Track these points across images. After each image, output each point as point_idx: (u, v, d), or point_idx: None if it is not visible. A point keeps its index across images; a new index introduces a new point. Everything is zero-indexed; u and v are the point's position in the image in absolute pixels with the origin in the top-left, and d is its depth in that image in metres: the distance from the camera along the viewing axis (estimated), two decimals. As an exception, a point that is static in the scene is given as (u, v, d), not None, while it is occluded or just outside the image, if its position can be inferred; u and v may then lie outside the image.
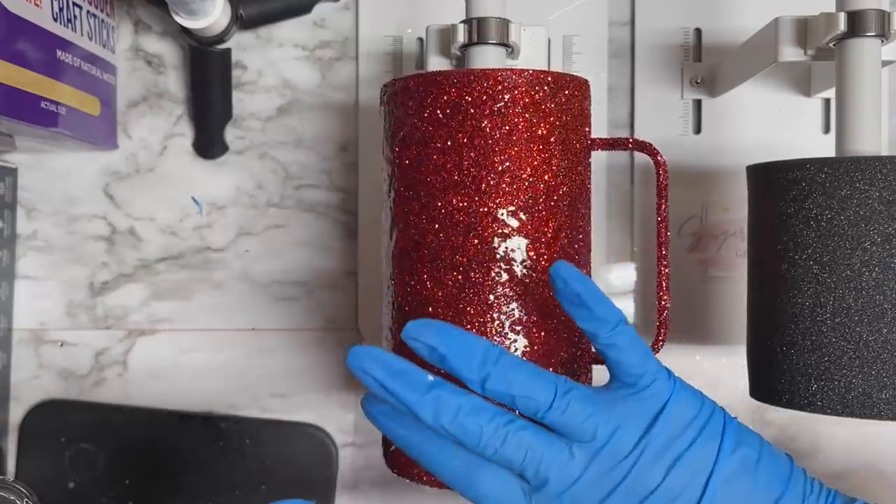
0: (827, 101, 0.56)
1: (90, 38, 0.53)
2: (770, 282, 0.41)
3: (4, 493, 0.43)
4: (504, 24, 0.44)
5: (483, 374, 0.35)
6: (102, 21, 0.55)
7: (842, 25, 0.41)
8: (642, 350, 0.36)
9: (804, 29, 0.44)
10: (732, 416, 0.37)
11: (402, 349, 0.37)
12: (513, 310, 0.39)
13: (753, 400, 0.44)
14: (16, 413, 0.58)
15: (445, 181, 0.39)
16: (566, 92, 0.41)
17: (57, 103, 0.49)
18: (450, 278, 0.39)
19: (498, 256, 0.39)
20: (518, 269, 0.39)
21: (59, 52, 0.50)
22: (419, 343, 0.35)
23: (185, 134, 0.58)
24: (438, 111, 0.40)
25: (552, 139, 0.40)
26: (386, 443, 0.43)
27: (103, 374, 0.58)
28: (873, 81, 0.41)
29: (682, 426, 0.36)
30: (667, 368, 0.37)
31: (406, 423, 0.37)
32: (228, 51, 0.56)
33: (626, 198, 0.57)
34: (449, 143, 0.39)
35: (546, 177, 0.40)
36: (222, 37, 0.54)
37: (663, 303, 0.43)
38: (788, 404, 0.41)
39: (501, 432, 0.35)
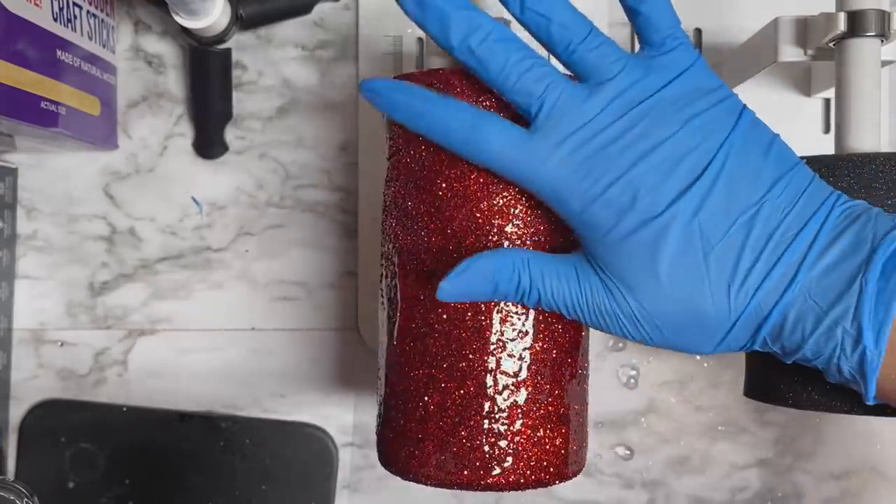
0: (827, 100, 0.56)
1: (90, 38, 0.54)
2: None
3: (4, 493, 0.43)
4: (504, 24, 0.44)
5: None
6: (102, 21, 0.55)
7: (842, 25, 0.41)
8: (672, 13, 0.36)
9: (804, 29, 0.44)
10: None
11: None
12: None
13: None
14: (16, 413, 0.58)
15: (445, 179, 0.39)
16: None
17: (57, 103, 0.49)
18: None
19: (494, 241, 0.39)
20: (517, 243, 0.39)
21: (59, 52, 0.50)
22: None
23: (185, 134, 0.58)
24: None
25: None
26: (380, 441, 0.42)
27: (103, 374, 0.58)
28: (873, 81, 0.41)
29: (703, 91, 0.35)
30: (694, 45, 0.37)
31: (407, 90, 0.36)
32: (228, 51, 0.56)
33: (626, 198, 0.57)
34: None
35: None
36: (222, 37, 0.54)
37: None
38: (788, 403, 0.41)
39: (527, 62, 0.35)
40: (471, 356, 0.39)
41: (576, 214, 0.35)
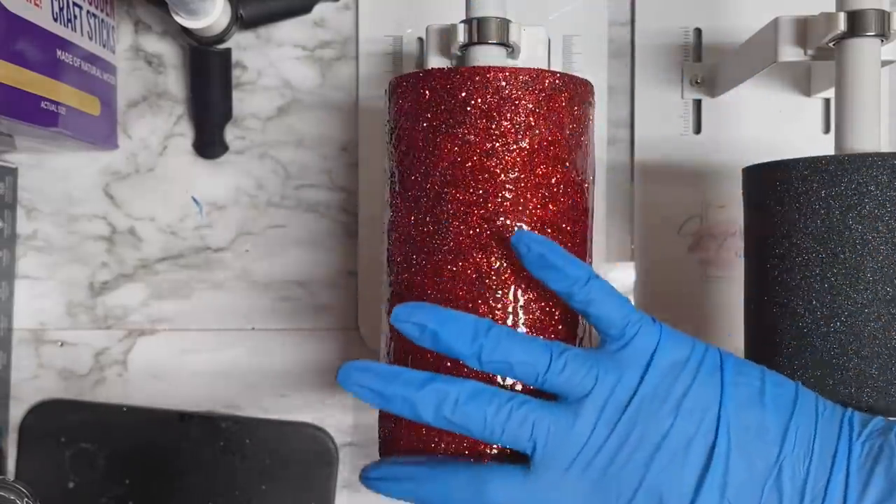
0: (827, 101, 0.56)
1: (90, 38, 0.54)
2: (766, 282, 0.41)
3: (4, 493, 0.43)
4: (504, 23, 0.44)
5: (477, 347, 0.35)
6: (102, 21, 0.55)
7: (842, 25, 0.41)
8: (620, 301, 0.36)
9: (804, 29, 0.44)
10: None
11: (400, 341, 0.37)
12: (508, 300, 0.39)
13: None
14: (16, 413, 0.58)
15: (446, 177, 0.39)
16: (570, 92, 0.41)
17: (57, 103, 0.49)
18: (446, 272, 0.39)
19: (494, 247, 0.39)
20: (513, 263, 0.39)
21: (59, 52, 0.50)
22: (409, 324, 0.35)
23: (185, 134, 0.58)
24: (444, 106, 0.40)
25: (554, 137, 0.40)
26: (382, 442, 0.42)
27: (103, 374, 0.58)
28: (873, 81, 0.41)
29: (678, 367, 0.35)
30: (650, 316, 0.37)
31: (401, 475, 0.37)
32: (228, 51, 0.56)
33: (626, 198, 0.57)
34: (452, 136, 0.39)
35: (549, 174, 0.40)
36: (222, 37, 0.54)
37: None
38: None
39: (504, 411, 0.35)
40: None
41: None
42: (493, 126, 0.39)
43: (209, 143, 0.57)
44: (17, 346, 0.58)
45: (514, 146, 0.39)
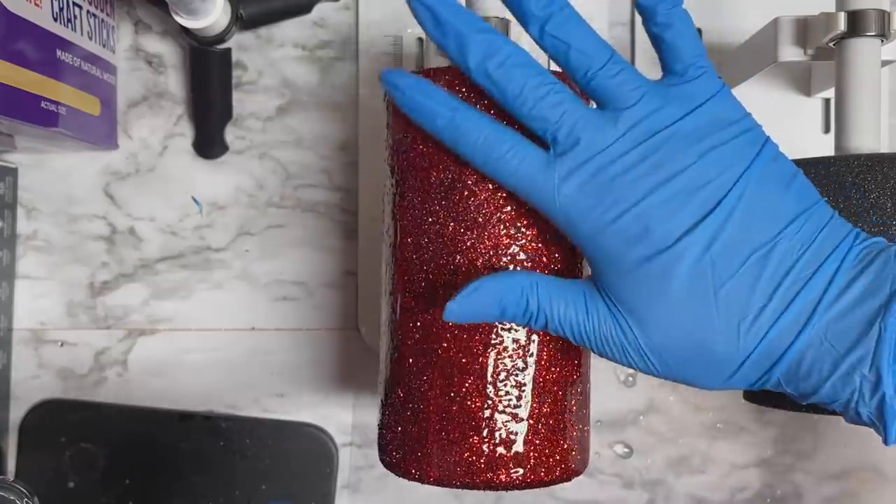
0: (827, 100, 0.56)
1: (90, 38, 0.54)
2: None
3: (4, 493, 0.43)
4: (504, 23, 0.44)
5: (547, 13, 0.35)
6: (102, 21, 0.55)
7: (842, 25, 0.41)
8: (698, 42, 0.36)
9: (804, 29, 0.44)
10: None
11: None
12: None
13: (753, 400, 0.44)
14: (16, 413, 0.58)
15: (446, 176, 0.39)
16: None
17: (57, 103, 0.49)
18: (447, 269, 0.39)
19: (501, 245, 0.39)
20: (520, 255, 0.39)
21: (59, 52, 0.50)
22: None
23: (185, 134, 0.58)
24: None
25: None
26: (382, 441, 0.42)
27: (103, 374, 0.58)
28: (873, 81, 0.41)
29: (724, 122, 0.35)
30: (719, 74, 0.36)
31: (431, 92, 0.36)
32: (228, 51, 0.56)
33: (626, 198, 0.57)
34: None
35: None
36: (222, 37, 0.54)
37: None
38: (787, 407, 0.41)
39: (545, 88, 0.34)
40: (473, 358, 0.39)
41: (587, 241, 0.35)
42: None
43: (209, 143, 0.57)
44: (17, 346, 0.58)
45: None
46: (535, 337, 0.39)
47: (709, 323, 0.34)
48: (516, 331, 0.39)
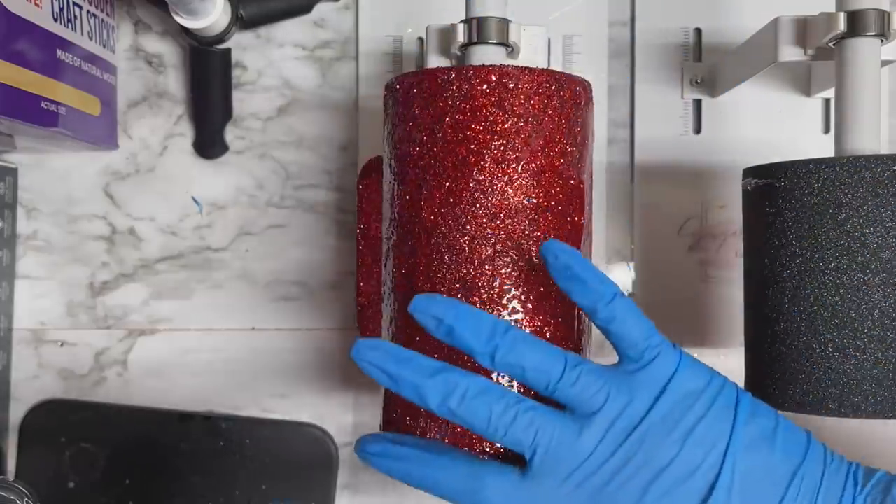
0: (827, 101, 0.56)
1: (90, 38, 0.54)
2: (766, 283, 0.41)
3: (4, 493, 0.43)
4: (504, 23, 0.44)
5: (492, 346, 0.35)
6: (102, 21, 0.55)
7: (841, 25, 0.41)
8: (643, 322, 0.36)
9: (804, 29, 0.44)
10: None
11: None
12: (514, 296, 0.39)
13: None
14: (16, 413, 0.58)
15: (445, 176, 0.39)
16: (568, 91, 0.41)
17: (57, 103, 0.49)
18: (449, 274, 0.39)
19: (497, 251, 0.39)
20: (516, 262, 0.39)
21: (59, 52, 0.50)
22: (426, 316, 0.35)
23: (185, 134, 0.58)
24: (441, 105, 0.40)
25: (552, 136, 0.40)
26: (386, 422, 0.43)
27: (103, 374, 0.58)
28: (873, 81, 0.41)
29: (693, 397, 0.35)
30: (671, 342, 0.36)
31: (401, 455, 0.37)
32: (228, 51, 0.56)
33: (626, 198, 0.57)
34: (449, 135, 0.39)
35: (548, 172, 0.40)
36: (222, 37, 0.54)
37: None
38: (786, 406, 0.41)
39: (511, 412, 0.35)
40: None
41: None
42: (491, 125, 0.39)
43: (209, 143, 0.57)
44: (17, 346, 0.58)
45: (513, 144, 0.39)
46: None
47: None
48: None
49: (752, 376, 0.43)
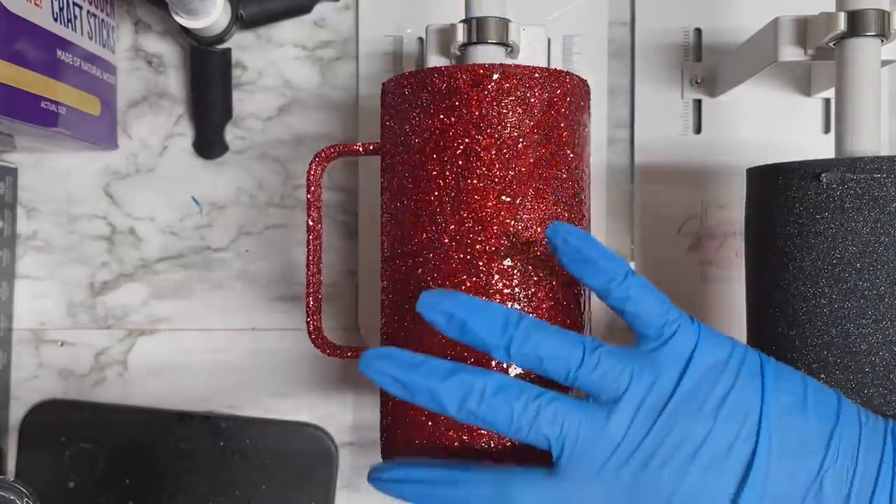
0: (827, 101, 0.56)
1: (90, 38, 0.54)
2: (767, 283, 0.41)
3: (4, 493, 0.43)
4: (504, 23, 0.44)
5: (507, 339, 0.33)
6: (102, 21, 0.55)
7: (842, 25, 0.41)
8: (659, 298, 0.34)
9: (804, 29, 0.44)
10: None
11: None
12: (517, 293, 0.39)
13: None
14: (16, 413, 0.58)
15: (440, 175, 0.39)
16: (566, 90, 0.41)
17: (57, 103, 0.49)
18: (447, 268, 0.39)
19: (497, 248, 0.39)
20: (514, 261, 0.39)
21: (59, 52, 0.50)
22: (436, 312, 0.33)
23: (185, 134, 0.58)
24: (440, 104, 0.40)
25: (548, 136, 0.40)
26: (384, 441, 0.42)
27: (103, 374, 0.58)
28: (873, 81, 0.41)
29: (718, 368, 0.34)
30: (688, 315, 0.35)
31: (422, 477, 0.35)
32: (228, 51, 0.56)
33: (626, 198, 0.57)
34: (448, 134, 0.39)
35: (545, 171, 0.40)
36: (222, 37, 0.54)
37: None
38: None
39: (533, 406, 0.33)
40: (476, 356, 0.39)
41: None
42: (490, 123, 0.39)
43: (209, 143, 0.57)
44: (17, 346, 0.58)
45: (511, 142, 0.39)
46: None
47: None
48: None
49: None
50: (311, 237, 0.45)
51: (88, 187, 0.58)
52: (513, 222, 0.39)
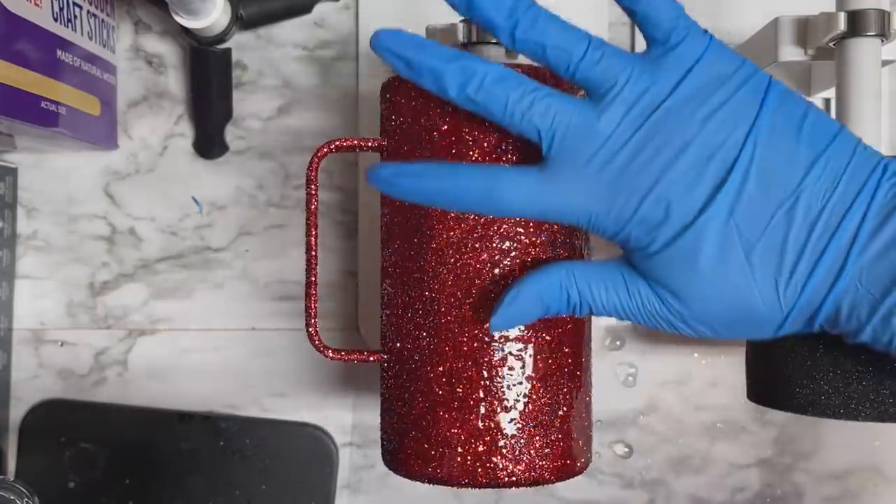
0: (827, 101, 0.56)
1: (90, 38, 0.54)
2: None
3: (4, 493, 0.43)
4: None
5: (513, 21, 0.34)
6: (102, 21, 0.55)
7: (842, 25, 0.41)
8: (672, 3, 0.34)
9: (804, 29, 0.44)
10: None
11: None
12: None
13: (753, 400, 0.44)
14: (16, 413, 0.58)
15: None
16: (565, 88, 0.41)
17: (57, 103, 0.49)
18: (447, 262, 0.39)
19: (496, 246, 0.39)
20: (514, 252, 0.39)
21: (59, 52, 0.50)
22: None
23: (185, 134, 0.58)
24: (439, 104, 0.40)
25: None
26: (385, 441, 0.43)
27: (103, 374, 0.58)
28: (873, 81, 0.41)
29: (720, 80, 0.33)
30: (704, 29, 0.35)
31: (415, 171, 0.35)
32: (228, 51, 0.56)
33: (626, 198, 0.57)
34: (446, 134, 0.39)
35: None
36: (222, 37, 0.54)
37: None
38: (788, 408, 0.41)
39: (528, 98, 0.34)
40: (474, 360, 0.39)
41: (613, 236, 0.35)
42: (488, 122, 0.39)
43: (209, 143, 0.57)
44: (17, 346, 0.58)
45: (510, 141, 0.39)
46: (533, 338, 0.39)
47: (747, 287, 0.33)
48: (517, 331, 0.39)
49: (755, 377, 0.43)
50: (310, 225, 0.45)
51: (88, 187, 0.58)
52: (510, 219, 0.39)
